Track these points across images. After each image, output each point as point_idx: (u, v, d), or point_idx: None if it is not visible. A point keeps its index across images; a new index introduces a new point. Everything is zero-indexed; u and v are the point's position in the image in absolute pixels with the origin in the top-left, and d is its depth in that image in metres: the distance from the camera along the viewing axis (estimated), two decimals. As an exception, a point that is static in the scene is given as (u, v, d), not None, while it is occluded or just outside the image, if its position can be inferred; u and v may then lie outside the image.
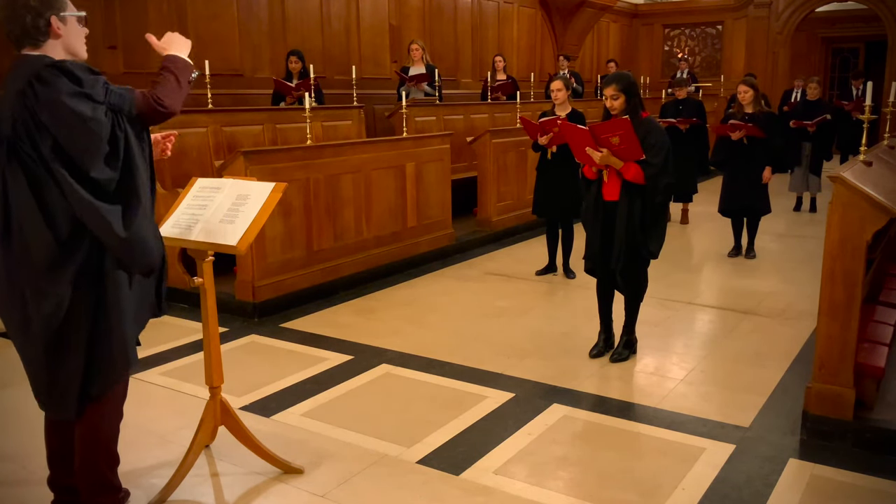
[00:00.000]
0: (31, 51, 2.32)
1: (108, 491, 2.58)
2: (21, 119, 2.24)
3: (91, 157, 2.24)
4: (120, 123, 2.31)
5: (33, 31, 2.30)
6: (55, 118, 2.21)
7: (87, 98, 2.24)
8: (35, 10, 2.28)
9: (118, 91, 2.33)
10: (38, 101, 2.21)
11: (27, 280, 2.31)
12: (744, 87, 6.57)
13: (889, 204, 3.08)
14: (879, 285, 4.32)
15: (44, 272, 2.29)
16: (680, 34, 16.77)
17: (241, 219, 2.79)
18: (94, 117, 2.23)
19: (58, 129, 2.22)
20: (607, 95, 4.07)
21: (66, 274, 2.30)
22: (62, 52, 2.35)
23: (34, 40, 2.31)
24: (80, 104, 2.22)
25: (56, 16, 2.31)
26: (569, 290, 5.86)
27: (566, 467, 3.13)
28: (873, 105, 3.72)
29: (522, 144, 7.71)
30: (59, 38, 2.33)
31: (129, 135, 2.33)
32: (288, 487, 2.97)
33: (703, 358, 4.37)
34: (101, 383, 2.42)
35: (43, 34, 2.31)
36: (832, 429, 3.27)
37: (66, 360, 2.36)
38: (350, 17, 9.22)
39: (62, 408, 2.44)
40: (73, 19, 2.37)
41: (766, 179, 6.52)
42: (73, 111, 2.21)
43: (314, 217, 5.57)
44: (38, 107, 2.22)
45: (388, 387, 4.00)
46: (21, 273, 2.31)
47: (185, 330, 4.88)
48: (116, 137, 2.29)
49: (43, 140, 2.23)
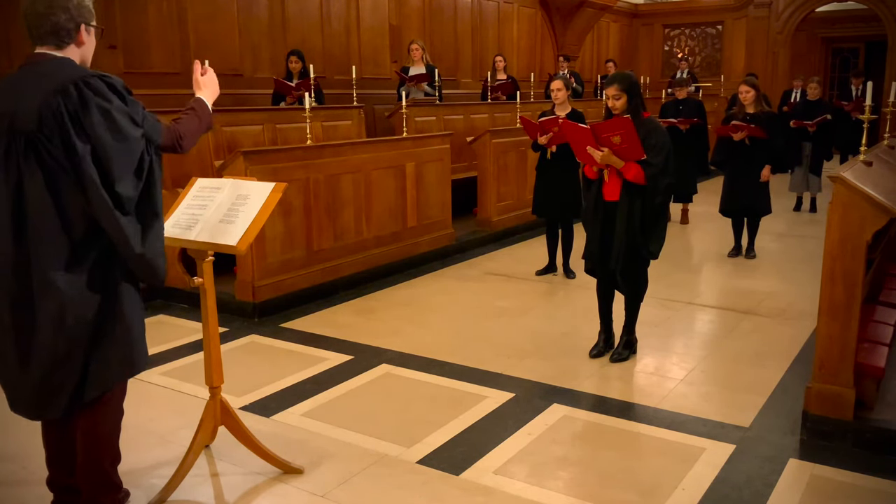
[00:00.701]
0: (51, 51, 2.34)
1: (109, 489, 2.58)
2: (55, 117, 2.22)
3: (122, 172, 2.29)
4: (149, 149, 2.39)
5: (63, 32, 2.33)
6: (103, 127, 2.25)
7: (130, 118, 2.33)
8: (70, 13, 2.33)
9: (151, 120, 2.43)
10: (87, 107, 2.24)
11: (37, 278, 2.29)
12: (745, 88, 6.55)
13: (889, 204, 3.08)
14: (879, 285, 4.32)
15: (54, 271, 2.27)
16: (680, 34, 16.77)
17: (241, 219, 2.79)
18: (136, 137, 2.33)
19: (100, 137, 2.25)
20: (609, 95, 4.06)
21: (75, 275, 2.29)
22: (78, 59, 2.39)
23: (59, 41, 2.34)
24: (126, 122, 2.31)
25: (86, 24, 2.38)
26: (569, 290, 5.86)
27: (566, 467, 3.13)
28: (873, 105, 3.72)
29: (522, 144, 7.71)
30: (82, 45, 2.39)
31: (154, 162, 2.42)
32: (288, 487, 2.97)
33: (703, 358, 4.37)
34: (99, 385, 2.40)
35: (70, 38, 2.35)
36: (832, 429, 3.27)
37: (65, 361, 2.34)
38: (350, 17, 9.22)
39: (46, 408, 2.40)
40: (94, 31, 2.44)
41: (764, 178, 6.52)
42: (120, 126, 2.28)
43: (314, 217, 5.57)
44: (84, 111, 2.24)
45: (388, 387, 4.00)
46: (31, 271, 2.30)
47: (185, 330, 4.88)
48: (143, 160, 2.36)
49: (80, 141, 2.24)
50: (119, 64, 6.81)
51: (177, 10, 7.28)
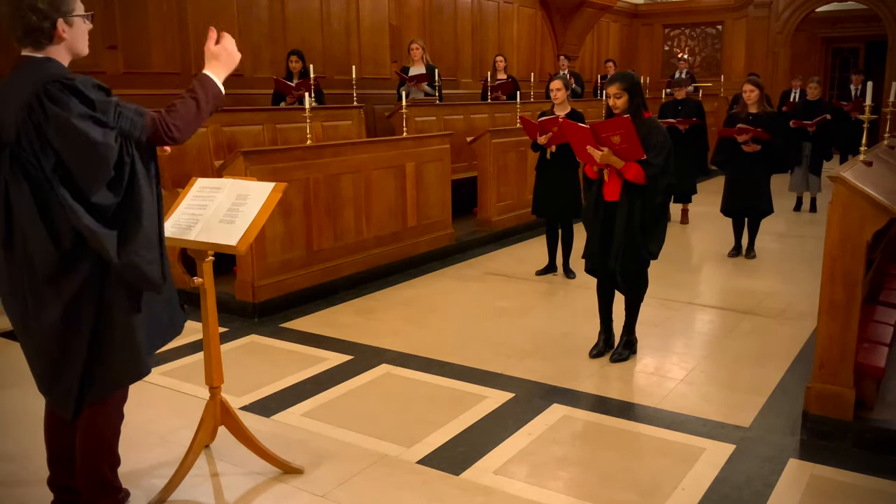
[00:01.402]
0: (32, 52, 2.26)
1: (108, 491, 2.57)
2: (25, 132, 2.18)
3: (95, 182, 2.17)
4: (128, 149, 2.24)
5: (37, 33, 2.23)
6: (62, 139, 2.14)
7: (97, 122, 2.17)
8: (42, 12, 2.20)
9: (129, 115, 2.26)
10: (47, 119, 2.14)
11: (29, 288, 2.29)
12: (749, 87, 6.53)
13: (889, 204, 3.08)
14: (879, 285, 4.32)
15: (45, 282, 2.25)
16: (680, 34, 16.77)
17: (241, 219, 2.79)
18: (104, 142, 2.16)
19: (64, 150, 2.15)
20: (610, 94, 4.06)
21: (67, 285, 2.26)
22: (65, 54, 2.30)
23: (36, 42, 2.25)
24: (90, 128, 2.15)
25: (63, 19, 2.24)
26: (569, 290, 5.86)
27: (566, 467, 3.13)
28: (873, 105, 3.72)
29: (522, 144, 7.71)
30: (63, 41, 2.27)
31: (136, 160, 2.27)
32: (288, 487, 2.97)
33: (703, 358, 4.37)
34: (99, 391, 2.40)
35: (47, 37, 2.24)
36: (832, 429, 3.27)
37: (66, 368, 2.35)
38: (350, 17, 9.22)
39: (63, 407, 2.43)
40: (79, 19, 2.30)
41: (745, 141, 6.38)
42: (82, 134, 2.13)
43: (314, 217, 5.57)
44: (45, 124, 2.15)
45: (388, 387, 4.00)
46: (23, 281, 2.29)
47: (186, 330, 4.80)
48: (123, 163, 2.22)
49: (46, 158, 2.17)
50: (119, 64, 6.82)
51: (177, 10, 7.29)
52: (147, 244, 2.29)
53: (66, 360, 2.34)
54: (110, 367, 2.38)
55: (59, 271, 2.25)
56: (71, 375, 2.36)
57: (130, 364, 2.40)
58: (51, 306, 2.27)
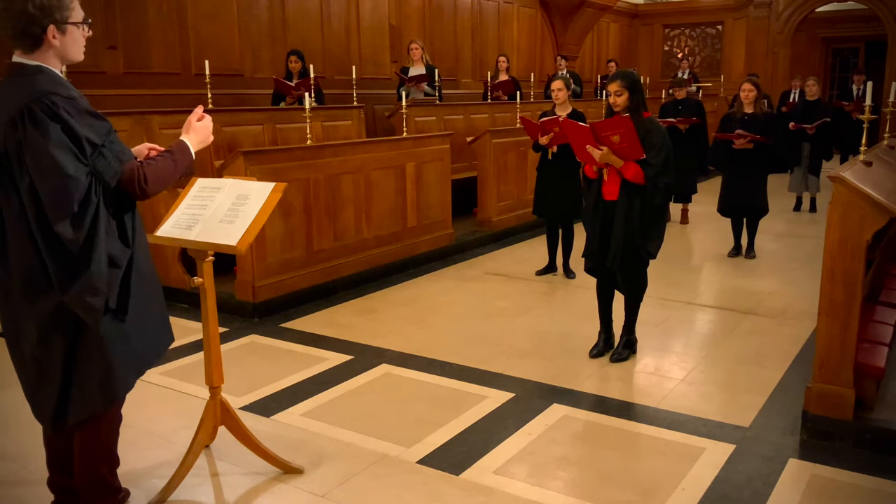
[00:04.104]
0: (21, 56, 2.23)
1: (107, 493, 2.57)
2: (9, 147, 2.18)
3: (58, 211, 2.13)
4: (96, 188, 2.19)
5: (27, 38, 2.19)
6: (35, 164, 2.12)
7: (73, 155, 2.14)
8: (33, 17, 2.15)
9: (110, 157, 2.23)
10: (26, 140, 2.12)
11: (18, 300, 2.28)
12: (748, 86, 6.55)
13: (889, 204, 3.08)
14: (879, 285, 4.32)
15: (30, 296, 2.24)
16: (680, 34, 16.78)
17: (241, 219, 2.79)
18: (74, 175, 2.12)
19: (35, 174, 2.13)
20: (611, 91, 4.06)
21: (48, 301, 2.23)
22: (55, 60, 2.26)
23: (26, 47, 2.21)
24: (65, 158, 2.12)
25: (55, 25, 2.20)
26: (569, 290, 5.86)
27: (566, 467, 3.13)
28: (873, 105, 3.72)
29: (522, 144, 7.71)
30: (54, 48, 2.23)
31: (101, 203, 2.20)
32: (288, 487, 2.97)
33: (703, 358, 4.37)
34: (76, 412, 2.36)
35: (37, 43, 2.20)
36: (832, 429, 3.27)
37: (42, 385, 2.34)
38: (350, 17, 9.22)
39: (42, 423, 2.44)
40: (74, 26, 2.25)
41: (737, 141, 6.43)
42: (55, 163, 2.10)
43: (314, 217, 5.57)
44: (24, 145, 2.13)
45: (388, 387, 4.00)
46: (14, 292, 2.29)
47: (185, 330, 4.87)
48: (89, 201, 2.17)
49: (22, 177, 2.17)
50: (119, 64, 6.82)
51: (177, 10, 7.29)
52: (90, 289, 2.20)
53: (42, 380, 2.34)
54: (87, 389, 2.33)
55: (42, 287, 2.22)
56: (46, 395, 2.35)
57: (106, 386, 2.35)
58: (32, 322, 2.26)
